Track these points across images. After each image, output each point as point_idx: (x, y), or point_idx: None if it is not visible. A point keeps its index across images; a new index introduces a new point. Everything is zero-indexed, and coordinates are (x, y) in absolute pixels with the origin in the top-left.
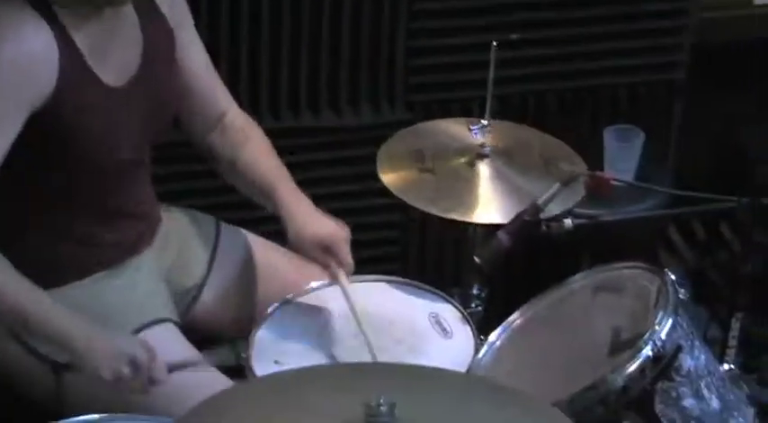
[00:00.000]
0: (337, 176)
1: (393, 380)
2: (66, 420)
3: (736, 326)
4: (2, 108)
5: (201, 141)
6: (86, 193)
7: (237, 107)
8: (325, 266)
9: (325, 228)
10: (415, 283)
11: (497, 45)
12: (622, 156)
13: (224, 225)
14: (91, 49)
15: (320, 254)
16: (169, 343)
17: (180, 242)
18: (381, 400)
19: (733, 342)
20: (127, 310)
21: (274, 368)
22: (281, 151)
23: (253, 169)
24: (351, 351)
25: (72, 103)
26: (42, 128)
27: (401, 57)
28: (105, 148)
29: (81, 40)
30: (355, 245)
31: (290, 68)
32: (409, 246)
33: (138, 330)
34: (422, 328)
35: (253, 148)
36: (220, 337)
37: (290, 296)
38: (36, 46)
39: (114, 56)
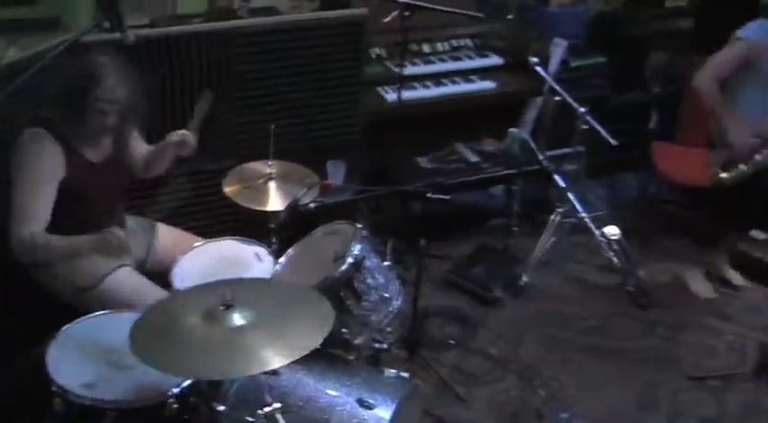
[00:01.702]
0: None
1: (236, 285)
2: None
3: (389, 245)
4: (47, 185)
5: (142, 170)
6: (82, 224)
7: None
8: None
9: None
10: (247, 238)
11: (274, 127)
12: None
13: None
14: (84, 144)
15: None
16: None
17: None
18: (228, 294)
19: (389, 251)
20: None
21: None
22: None
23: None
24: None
25: (74, 176)
26: (61, 192)
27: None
28: (90, 199)
29: (79, 145)
30: (216, 222)
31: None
32: (242, 222)
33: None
34: (250, 260)
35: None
36: None
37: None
38: (52, 152)
39: (99, 144)
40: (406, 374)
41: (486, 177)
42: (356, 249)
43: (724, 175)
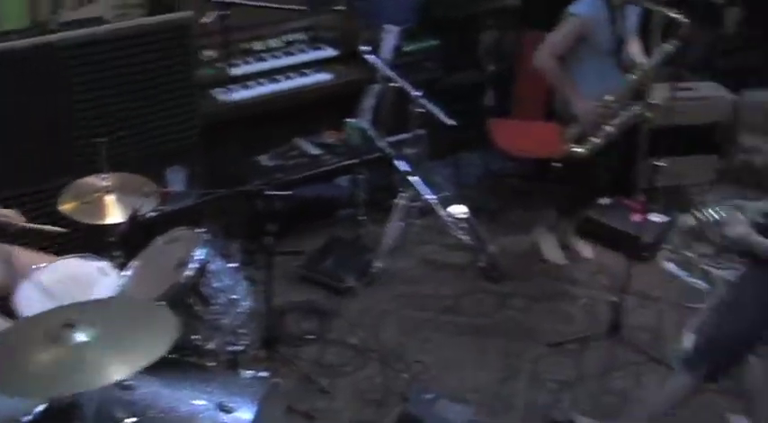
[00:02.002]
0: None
1: (79, 306)
2: None
3: (235, 247)
4: None
5: None
6: None
7: None
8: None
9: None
10: (90, 254)
11: (107, 140)
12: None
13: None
14: None
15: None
16: None
17: None
18: (71, 314)
19: (235, 253)
20: None
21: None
22: None
23: None
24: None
25: None
26: None
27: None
28: None
29: None
30: (54, 242)
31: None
32: (81, 238)
33: None
34: (94, 276)
35: None
36: None
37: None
38: None
39: None
40: (264, 374)
41: (328, 170)
42: (199, 254)
43: (578, 149)
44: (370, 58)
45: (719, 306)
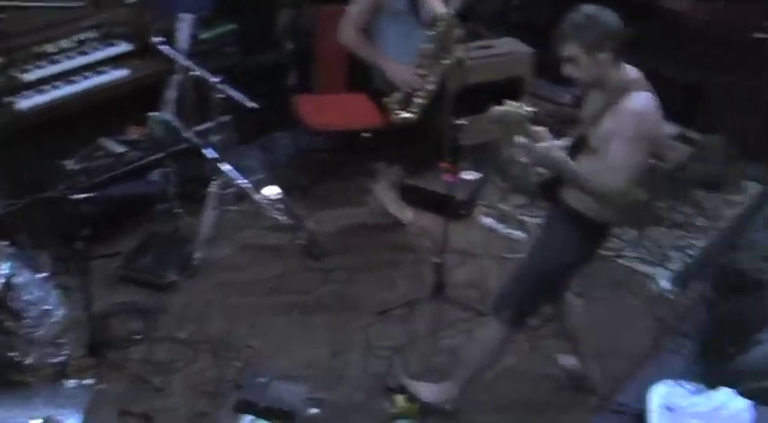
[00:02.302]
0: None
1: None
2: None
3: (44, 257)
4: None
5: None
6: None
7: None
8: None
9: None
10: None
11: None
12: None
13: None
14: None
15: None
16: None
17: None
18: None
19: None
20: None
21: None
22: None
23: None
24: None
25: None
26: None
27: None
28: None
29: None
30: None
31: None
32: None
33: None
34: None
35: None
36: None
37: None
38: None
39: None
40: (89, 381)
41: (136, 166)
42: (3, 268)
43: (407, 114)
44: (165, 48)
45: (527, 251)
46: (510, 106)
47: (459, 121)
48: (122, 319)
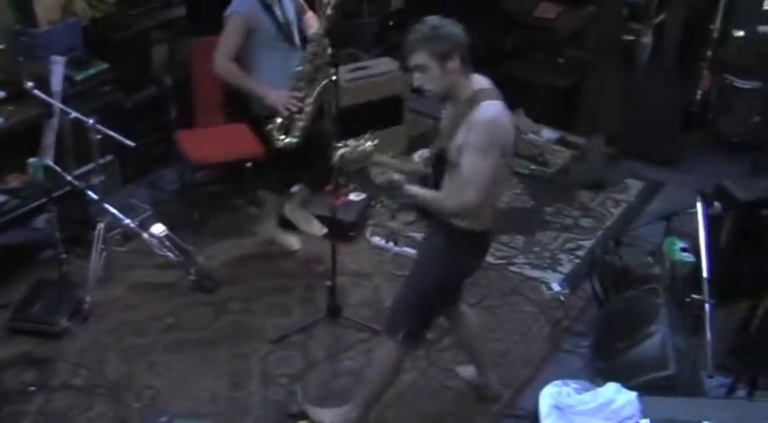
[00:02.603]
0: None
1: None
2: None
3: None
4: None
5: None
6: None
7: None
8: None
9: None
10: None
11: None
12: None
13: None
14: None
15: None
16: None
17: None
18: None
19: None
20: None
21: None
22: None
23: None
24: None
25: None
26: None
27: None
28: None
29: None
30: None
31: None
32: None
33: None
34: None
35: None
36: None
37: None
38: None
39: None
40: None
41: (18, 214)
42: None
43: (289, 139)
44: (37, 93)
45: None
46: (352, 146)
47: (337, 144)
48: (16, 371)
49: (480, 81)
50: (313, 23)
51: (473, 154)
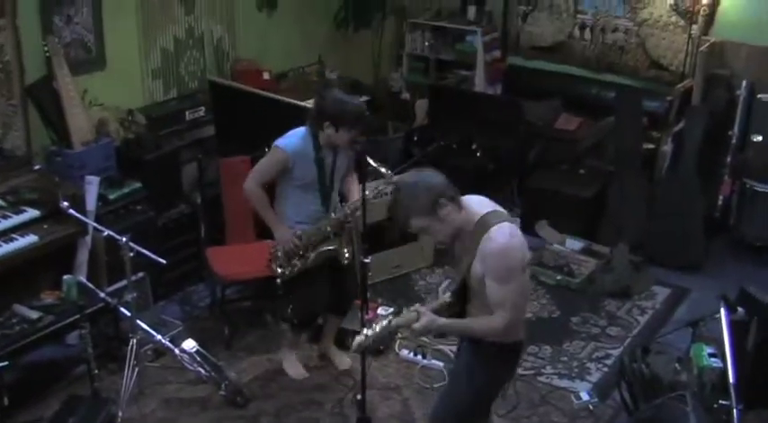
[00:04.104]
0: None
1: None
2: None
3: None
4: None
5: None
6: None
7: None
8: None
9: None
10: None
11: None
12: None
13: None
14: None
15: None
16: None
17: None
18: None
19: None
20: None
21: None
22: None
23: None
24: None
25: None
26: None
27: None
28: None
29: None
30: None
31: None
32: None
33: None
34: None
35: None
36: None
37: None
38: None
39: None
40: None
41: (52, 331)
42: None
43: (280, 270)
44: (72, 212)
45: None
46: (369, 335)
47: (364, 260)
48: None
49: (478, 204)
50: (353, 189)
51: (496, 283)
